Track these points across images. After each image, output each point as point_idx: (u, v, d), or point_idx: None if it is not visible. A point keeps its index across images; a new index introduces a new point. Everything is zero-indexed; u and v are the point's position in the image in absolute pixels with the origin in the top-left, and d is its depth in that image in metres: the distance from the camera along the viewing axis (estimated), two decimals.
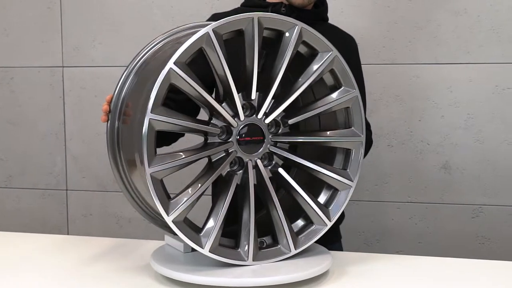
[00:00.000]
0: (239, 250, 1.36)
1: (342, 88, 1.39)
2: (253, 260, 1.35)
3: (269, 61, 1.40)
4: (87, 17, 2.51)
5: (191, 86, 1.29)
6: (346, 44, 1.72)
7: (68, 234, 2.63)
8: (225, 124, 1.35)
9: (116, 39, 2.49)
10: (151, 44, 1.47)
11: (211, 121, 1.36)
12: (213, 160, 1.38)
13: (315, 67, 1.37)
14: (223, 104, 1.37)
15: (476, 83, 2.20)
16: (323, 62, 1.36)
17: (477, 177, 2.24)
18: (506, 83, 2.18)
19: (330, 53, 1.37)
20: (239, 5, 2.35)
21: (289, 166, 1.41)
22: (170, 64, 1.25)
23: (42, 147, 2.62)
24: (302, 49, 1.37)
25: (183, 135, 1.77)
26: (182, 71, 1.27)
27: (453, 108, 2.23)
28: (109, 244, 1.67)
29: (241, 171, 1.37)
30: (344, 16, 2.27)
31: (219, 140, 1.36)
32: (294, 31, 1.34)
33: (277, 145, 1.38)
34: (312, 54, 1.37)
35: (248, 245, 1.35)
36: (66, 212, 2.64)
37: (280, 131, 1.37)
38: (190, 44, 1.28)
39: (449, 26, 2.20)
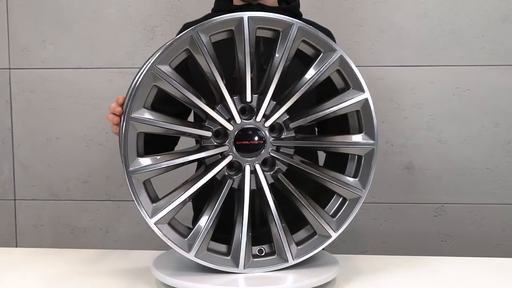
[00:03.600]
0: (229, 257, 1.32)
1: (350, 90, 1.34)
2: (244, 268, 1.32)
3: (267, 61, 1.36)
4: (36, 16, 2.36)
5: (175, 88, 1.26)
6: None
7: (16, 246, 2.47)
8: (220, 127, 1.31)
9: (68, 39, 2.36)
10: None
11: (205, 124, 1.32)
12: (207, 164, 1.34)
13: (317, 68, 1.32)
14: (219, 107, 1.32)
15: (438, 85, 2.26)
16: (325, 63, 1.31)
17: (439, 176, 2.30)
18: (466, 85, 2.25)
19: (334, 53, 1.31)
20: (201, 6, 2.31)
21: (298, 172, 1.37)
22: (151, 66, 1.24)
23: None
24: (307, 49, 1.33)
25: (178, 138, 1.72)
26: (165, 73, 1.25)
27: (416, 109, 2.27)
28: (89, 255, 1.59)
29: (238, 175, 1.33)
30: (308, 18, 2.25)
31: (215, 143, 1.32)
32: (291, 30, 1.29)
33: (280, 149, 1.33)
34: (317, 54, 1.33)
35: (239, 252, 1.31)
36: (15, 223, 2.47)
37: (283, 135, 1.33)
38: (173, 46, 1.26)
39: (411, 29, 2.25)
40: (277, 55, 1.31)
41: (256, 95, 1.33)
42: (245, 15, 1.29)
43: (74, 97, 2.37)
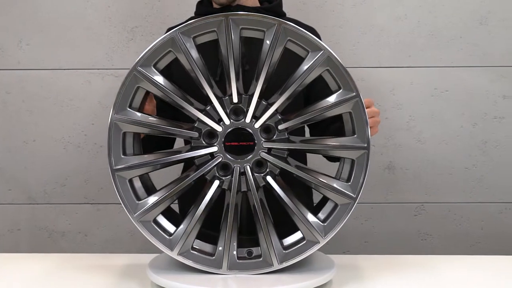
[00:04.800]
0: (214, 257, 1.32)
1: (341, 91, 1.29)
2: (228, 269, 1.31)
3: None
4: (12, 15, 2.30)
5: (158, 89, 1.29)
6: None
7: None
8: (209, 128, 1.31)
9: (45, 39, 2.31)
10: None
11: (196, 125, 1.33)
12: (197, 164, 1.34)
13: (304, 68, 1.29)
14: (208, 108, 1.32)
15: (417, 86, 2.29)
16: (312, 62, 1.28)
17: (419, 176, 2.33)
18: (444, 86, 2.28)
19: (320, 52, 1.28)
20: (181, 7, 2.30)
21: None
22: (133, 68, 1.29)
23: None
24: (298, 50, 1.31)
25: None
26: (149, 74, 1.28)
27: (396, 110, 2.30)
28: (68, 259, 1.57)
29: (228, 176, 1.32)
30: None
31: (204, 144, 1.32)
32: (275, 30, 1.28)
33: (272, 151, 1.32)
34: (307, 54, 1.31)
35: (223, 253, 1.31)
36: None
37: (275, 136, 1.31)
38: (155, 48, 1.29)
39: (391, 30, 2.27)
40: (262, 56, 1.30)
41: (247, 96, 1.32)
42: (227, 16, 1.29)
43: (52, 99, 2.33)
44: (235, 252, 1.34)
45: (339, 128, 1.34)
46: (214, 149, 1.31)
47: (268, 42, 1.29)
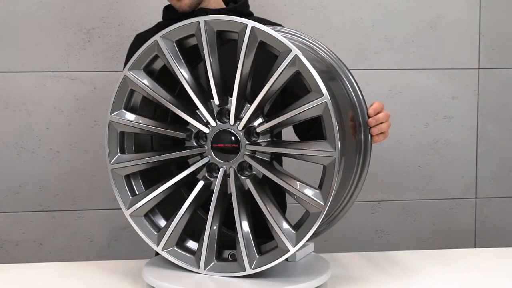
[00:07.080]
0: (194, 256, 1.36)
1: (311, 93, 1.24)
2: (205, 269, 1.33)
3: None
4: None
5: (146, 92, 1.35)
6: None
7: None
8: (198, 129, 1.35)
9: None
10: None
11: (188, 127, 1.37)
12: (190, 164, 1.37)
13: (274, 68, 1.26)
14: (199, 110, 1.34)
15: (372, 88, 2.37)
16: (282, 64, 1.24)
17: (375, 175, 2.40)
18: (398, 88, 2.38)
19: (290, 53, 1.23)
20: (139, 9, 2.27)
21: None
22: (125, 72, 1.36)
23: None
24: (273, 50, 1.29)
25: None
26: (137, 77, 1.35)
27: None
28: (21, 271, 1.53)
29: (216, 178, 1.34)
30: None
31: (195, 145, 1.36)
32: (245, 31, 1.27)
33: (256, 154, 1.33)
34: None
35: (201, 253, 1.34)
36: None
37: (259, 139, 1.31)
38: (141, 54, 1.35)
39: (347, 34, 2.34)
40: (237, 58, 1.30)
41: (230, 98, 1.33)
42: (201, 19, 1.30)
43: (3, 103, 2.24)
44: (214, 253, 1.34)
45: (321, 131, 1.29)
46: (202, 150, 1.34)
47: (240, 43, 1.30)
